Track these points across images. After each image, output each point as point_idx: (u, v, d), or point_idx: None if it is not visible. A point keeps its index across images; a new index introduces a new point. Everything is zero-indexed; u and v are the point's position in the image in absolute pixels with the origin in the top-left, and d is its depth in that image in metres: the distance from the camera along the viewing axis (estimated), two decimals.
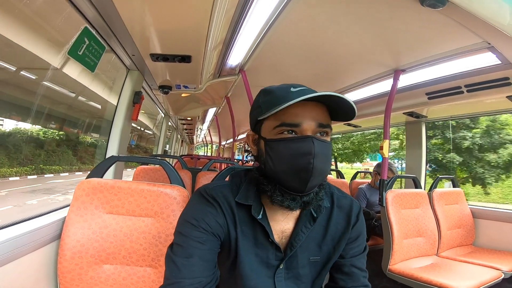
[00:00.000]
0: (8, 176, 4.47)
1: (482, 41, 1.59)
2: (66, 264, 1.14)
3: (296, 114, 0.66)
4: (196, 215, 0.71)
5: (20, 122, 4.33)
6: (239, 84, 2.76)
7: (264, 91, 0.74)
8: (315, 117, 0.67)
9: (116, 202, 1.22)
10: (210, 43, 1.66)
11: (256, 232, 0.74)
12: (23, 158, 4.66)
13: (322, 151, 0.65)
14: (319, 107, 0.68)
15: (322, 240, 0.78)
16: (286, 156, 0.66)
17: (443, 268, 1.90)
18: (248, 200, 0.73)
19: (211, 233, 0.70)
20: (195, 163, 4.83)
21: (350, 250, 0.80)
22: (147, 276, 1.21)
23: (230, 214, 0.73)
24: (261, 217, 0.72)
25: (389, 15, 1.50)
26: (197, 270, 0.66)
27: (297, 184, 0.66)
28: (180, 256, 0.67)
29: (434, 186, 2.43)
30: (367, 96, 2.87)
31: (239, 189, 0.76)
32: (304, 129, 0.66)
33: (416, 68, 2.10)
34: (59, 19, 1.55)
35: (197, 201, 0.74)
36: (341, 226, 0.79)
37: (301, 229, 0.74)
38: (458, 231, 2.38)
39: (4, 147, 4.25)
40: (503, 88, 1.92)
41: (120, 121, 1.99)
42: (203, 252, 0.68)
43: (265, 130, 0.71)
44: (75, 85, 3.02)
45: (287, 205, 0.68)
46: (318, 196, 0.70)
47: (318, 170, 0.65)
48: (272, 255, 0.74)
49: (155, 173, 2.51)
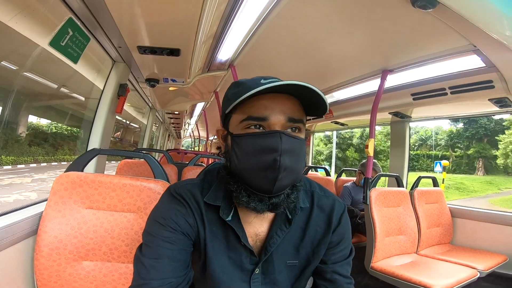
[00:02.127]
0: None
1: (468, 44, 1.62)
2: (43, 261, 1.10)
3: (264, 107, 0.61)
4: (164, 214, 0.67)
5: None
6: (228, 79, 2.73)
7: (234, 83, 0.69)
8: (285, 110, 0.62)
9: (97, 197, 1.18)
10: (200, 37, 1.63)
11: (228, 234, 0.70)
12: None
13: (291, 147, 0.61)
14: (290, 100, 0.63)
15: (300, 243, 0.73)
16: (251, 153, 0.61)
17: (422, 266, 1.96)
18: (216, 200, 0.69)
19: (180, 232, 0.66)
20: (182, 157, 4.77)
21: (331, 256, 0.75)
22: (129, 273, 1.19)
23: (199, 214, 0.69)
24: (230, 219, 0.68)
25: (380, 15, 1.51)
26: (166, 271, 0.63)
27: (264, 184, 0.61)
28: (148, 257, 0.64)
29: (415, 185, 2.50)
30: (355, 95, 2.90)
31: (210, 187, 0.71)
32: (272, 123, 0.61)
33: (403, 68, 2.14)
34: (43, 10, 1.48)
35: (166, 200, 0.71)
36: (320, 228, 0.74)
37: (275, 232, 0.70)
38: (437, 230, 2.45)
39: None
40: (486, 91, 1.97)
41: (103, 113, 1.93)
42: (172, 252, 0.65)
43: (232, 124, 0.67)
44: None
45: (253, 207, 0.63)
46: (290, 199, 0.65)
47: (287, 168, 0.60)
48: (246, 258, 0.70)
49: (140, 167, 2.46)
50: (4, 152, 3.76)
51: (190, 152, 5.51)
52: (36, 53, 2.06)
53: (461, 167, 19.50)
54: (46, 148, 4.75)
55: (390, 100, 2.64)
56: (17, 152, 4.05)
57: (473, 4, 1.16)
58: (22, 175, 4.93)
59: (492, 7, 1.18)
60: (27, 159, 4.34)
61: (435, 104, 2.40)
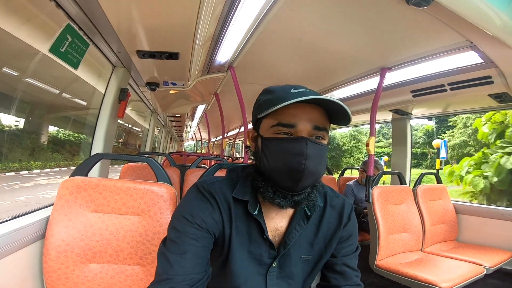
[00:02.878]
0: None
1: (465, 40, 1.63)
2: (51, 264, 1.12)
3: (293, 115, 0.67)
4: (192, 211, 0.71)
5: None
6: (228, 81, 2.74)
7: (265, 90, 0.75)
8: (311, 119, 0.68)
9: (101, 200, 1.21)
10: (198, 40, 1.64)
11: (251, 229, 0.74)
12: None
13: (315, 153, 0.66)
14: (316, 110, 0.69)
15: (314, 239, 0.79)
16: (279, 155, 0.67)
17: (428, 263, 1.95)
18: (245, 195, 0.73)
19: (205, 230, 0.70)
20: (184, 160, 4.79)
21: (341, 249, 0.81)
22: (135, 275, 1.21)
23: (227, 209, 0.73)
24: (257, 213, 0.73)
25: (376, 14, 1.52)
26: (190, 267, 0.66)
27: (289, 183, 0.67)
28: (173, 252, 0.67)
29: (418, 182, 2.49)
30: (354, 94, 2.91)
31: (235, 184, 0.76)
32: (300, 130, 0.67)
33: (401, 66, 2.14)
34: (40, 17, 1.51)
35: (194, 196, 0.74)
36: (332, 225, 0.80)
37: (294, 227, 0.75)
38: (441, 227, 2.44)
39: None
40: (485, 86, 1.98)
41: (105, 118, 1.95)
42: (196, 249, 0.68)
43: (263, 128, 0.72)
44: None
45: (278, 202, 0.69)
46: (310, 197, 0.71)
47: (310, 171, 0.66)
48: (265, 252, 0.74)
49: (143, 170, 2.48)
50: (33, 159, 4.30)
51: (193, 155, 5.54)
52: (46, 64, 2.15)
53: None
54: (65, 154, 5.17)
55: (390, 98, 2.65)
56: (43, 158, 4.60)
57: (467, 1, 1.17)
58: (53, 177, 5.28)
59: (485, 4, 1.19)
60: (51, 164, 4.88)
61: (435, 101, 2.40)
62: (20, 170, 4.15)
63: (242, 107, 2.65)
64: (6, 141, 3.65)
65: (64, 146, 5.14)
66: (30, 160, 4.28)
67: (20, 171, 4.16)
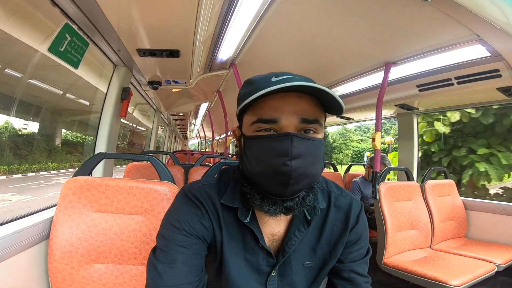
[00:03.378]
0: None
1: (471, 34, 1.59)
2: (56, 264, 1.12)
3: (274, 108, 0.58)
4: (179, 217, 0.65)
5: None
6: (230, 78, 2.73)
7: (246, 82, 0.66)
8: (297, 111, 0.58)
9: (105, 200, 1.20)
10: (198, 37, 1.63)
11: (245, 236, 0.67)
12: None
13: (305, 151, 0.57)
14: (304, 99, 0.58)
15: (316, 244, 0.71)
16: (261, 157, 0.58)
17: (437, 261, 1.91)
18: (234, 202, 0.66)
19: (195, 236, 0.64)
20: (189, 158, 4.80)
21: (349, 255, 0.73)
22: (140, 275, 1.20)
23: (215, 215, 0.67)
24: (249, 220, 0.65)
25: (379, 8, 1.49)
26: (180, 276, 0.61)
27: (276, 188, 0.59)
28: (162, 262, 0.62)
29: (426, 177, 2.45)
30: (359, 89, 2.87)
31: (227, 188, 0.69)
32: (284, 125, 0.57)
33: (407, 60, 2.10)
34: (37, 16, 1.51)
35: (180, 201, 0.68)
36: (338, 228, 0.72)
37: (294, 233, 0.67)
38: (450, 223, 2.40)
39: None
40: (493, 80, 1.93)
41: (108, 117, 1.95)
42: (186, 257, 0.63)
43: (244, 125, 0.64)
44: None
45: (266, 210, 0.61)
46: (304, 202, 0.62)
47: (300, 173, 0.57)
48: (263, 260, 0.68)
49: (147, 169, 2.48)
50: (50, 160, 4.67)
51: (197, 153, 5.55)
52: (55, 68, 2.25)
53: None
54: (77, 155, 5.39)
55: (396, 93, 2.60)
56: (59, 159, 4.91)
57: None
58: (69, 176, 5.65)
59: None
60: (66, 165, 5.11)
61: (442, 95, 2.36)
62: (39, 171, 4.49)
63: None
64: (25, 144, 4.02)
65: (76, 147, 5.41)
66: (48, 161, 4.61)
67: (39, 172, 4.49)
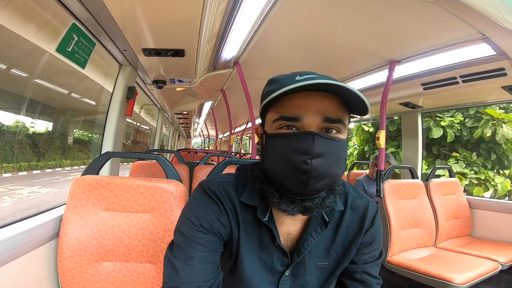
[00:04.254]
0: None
1: (476, 32, 1.58)
2: (66, 263, 1.14)
3: (298, 106, 0.58)
4: (197, 213, 0.65)
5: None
6: (234, 77, 2.74)
7: (270, 80, 0.66)
8: (321, 110, 0.57)
9: (113, 198, 1.22)
10: (203, 37, 1.64)
11: (261, 234, 0.67)
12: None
13: (326, 150, 0.56)
14: (328, 98, 0.58)
15: (331, 245, 0.71)
16: (283, 154, 0.58)
17: (441, 259, 1.91)
18: (253, 200, 0.66)
19: (213, 233, 0.64)
20: (192, 157, 4.82)
21: (362, 256, 0.73)
22: (147, 272, 1.22)
23: (233, 213, 0.67)
24: (267, 219, 0.65)
25: (383, 6, 1.49)
26: (196, 274, 0.61)
27: (295, 187, 0.58)
28: (179, 259, 0.62)
29: (431, 176, 2.45)
30: (363, 87, 2.86)
31: (245, 186, 0.68)
32: (306, 124, 0.57)
33: (411, 59, 2.10)
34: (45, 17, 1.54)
35: (199, 197, 0.68)
36: (352, 230, 0.72)
37: (310, 234, 0.67)
38: (455, 222, 2.40)
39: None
40: (498, 78, 1.92)
41: (114, 117, 1.97)
42: (203, 255, 0.63)
43: (267, 123, 0.64)
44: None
45: (284, 209, 0.60)
46: (324, 203, 0.61)
47: (321, 173, 0.56)
48: (277, 260, 0.68)
49: (152, 168, 2.50)
50: (63, 157, 5.10)
51: (201, 151, 5.57)
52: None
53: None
54: (88, 153, 5.75)
55: (400, 91, 2.60)
56: (71, 157, 5.35)
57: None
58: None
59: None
60: (78, 162, 5.52)
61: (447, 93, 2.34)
62: (55, 167, 4.92)
63: (249, 103, 2.63)
64: (43, 143, 4.42)
65: (87, 146, 5.74)
66: (62, 158, 5.02)
67: (55, 168, 4.93)
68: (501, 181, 4.37)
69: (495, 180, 4.40)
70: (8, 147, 3.82)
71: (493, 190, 4.40)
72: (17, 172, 4.13)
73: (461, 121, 4.64)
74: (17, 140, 3.88)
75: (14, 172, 4.07)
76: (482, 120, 4.41)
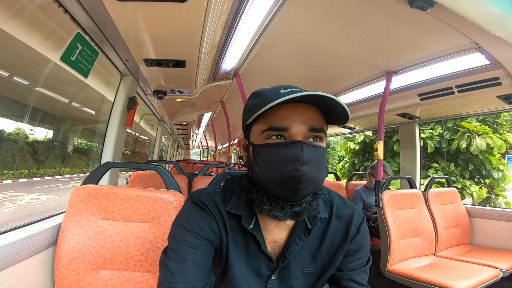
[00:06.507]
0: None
1: (470, 42, 1.62)
2: (63, 270, 1.13)
3: (284, 117, 0.62)
4: (190, 220, 0.69)
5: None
6: (234, 88, 2.77)
7: (253, 94, 0.70)
8: (306, 120, 0.62)
9: (112, 208, 1.22)
10: (204, 48, 1.67)
11: (248, 241, 0.71)
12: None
13: (313, 157, 0.61)
14: (311, 109, 0.63)
15: (317, 251, 0.74)
16: (273, 163, 0.62)
17: (442, 267, 1.91)
18: (239, 209, 0.70)
19: (204, 238, 0.68)
20: (191, 168, 4.81)
21: (348, 264, 0.75)
22: (145, 282, 1.21)
23: (222, 221, 0.71)
24: (252, 227, 0.69)
25: (379, 18, 1.53)
26: (191, 275, 0.65)
27: (286, 193, 0.62)
28: (173, 261, 0.66)
29: (429, 186, 2.46)
30: (361, 98, 2.90)
31: (232, 195, 0.72)
32: (293, 133, 0.62)
33: (407, 69, 2.14)
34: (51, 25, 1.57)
35: (190, 206, 0.72)
36: (338, 238, 0.75)
37: (294, 240, 0.71)
38: (454, 231, 2.40)
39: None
40: (493, 88, 1.95)
41: (114, 127, 1.98)
42: (196, 257, 0.66)
43: (253, 135, 0.67)
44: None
45: (275, 215, 0.64)
46: (311, 206, 0.66)
47: (309, 178, 0.61)
48: (263, 265, 0.71)
49: (151, 178, 2.50)
50: (63, 165, 5.17)
51: (200, 162, 5.56)
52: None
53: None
54: (87, 162, 5.83)
55: (397, 102, 2.63)
56: (71, 165, 5.41)
57: (471, 3, 1.17)
58: (82, 181, 6.50)
59: (489, 5, 1.18)
60: (78, 170, 5.59)
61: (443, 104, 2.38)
62: (55, 175, 5.00)
63: None
64: (43, 150, 4.49)
65: (86, 154, 5.85)
66: (62, 166, 5.10)
67: (55, 176, 5.01)
68: (476, 189, 4.67)
69: (471, 189, 4.63)
70: (9, 154, 3.91)
71: (470, 198, 4.64)
72: (17, 179, 4.21)
73: (440, 133, 4.87)
74: (18, 148, 3.98)
75: (14, 179, 4.14)
76: (458, 133, 4.62)
